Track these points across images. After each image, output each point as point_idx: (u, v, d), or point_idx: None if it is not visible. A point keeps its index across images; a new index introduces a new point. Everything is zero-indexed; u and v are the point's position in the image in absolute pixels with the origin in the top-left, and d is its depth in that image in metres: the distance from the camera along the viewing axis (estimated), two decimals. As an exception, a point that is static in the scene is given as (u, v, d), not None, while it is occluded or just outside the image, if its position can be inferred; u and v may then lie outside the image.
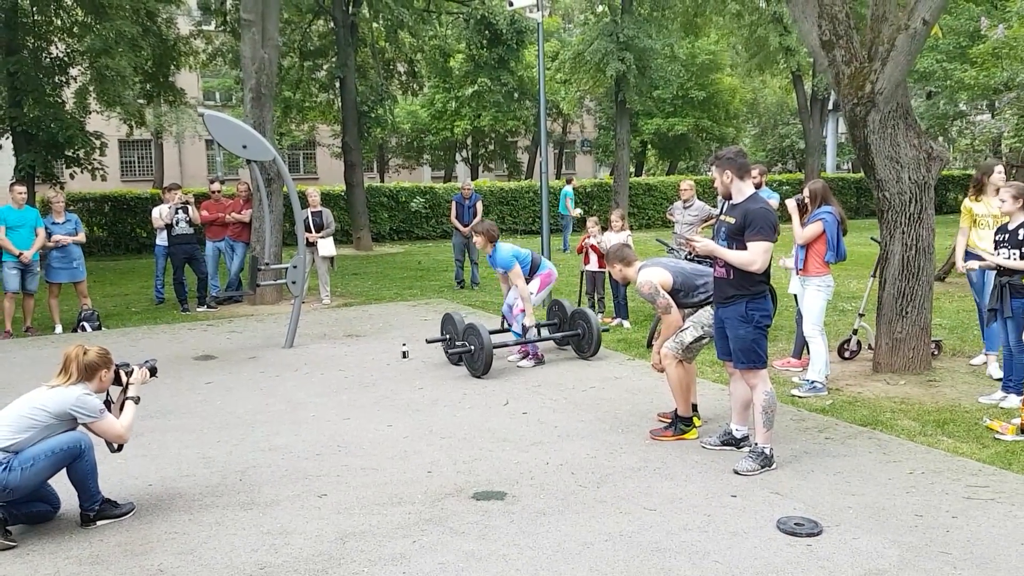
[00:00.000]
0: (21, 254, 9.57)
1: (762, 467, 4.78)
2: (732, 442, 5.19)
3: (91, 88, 17.21)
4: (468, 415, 6.12)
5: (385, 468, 5.01)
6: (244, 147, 8.56)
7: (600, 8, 22.73)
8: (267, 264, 9.78)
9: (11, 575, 3.73)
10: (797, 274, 6.80)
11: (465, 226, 12.87)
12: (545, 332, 8.17)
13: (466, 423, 5.91)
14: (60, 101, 17.08)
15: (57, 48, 17.35)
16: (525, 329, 7.58)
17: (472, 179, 28.29)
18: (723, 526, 4.08)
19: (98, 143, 17.76)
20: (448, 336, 7.73)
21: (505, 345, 7.61)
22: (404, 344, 8.26)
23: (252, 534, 4.10)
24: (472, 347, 7.22)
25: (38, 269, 9.93)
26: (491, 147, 31.97)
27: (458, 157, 33.31)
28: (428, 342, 7.91)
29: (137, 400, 4.51)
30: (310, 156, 35.72)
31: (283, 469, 5.04)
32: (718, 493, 4.50)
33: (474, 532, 4.07)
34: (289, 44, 19.99)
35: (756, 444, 4.89)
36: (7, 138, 17.01)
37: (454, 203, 13.29)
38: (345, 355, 8.35)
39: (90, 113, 17.93)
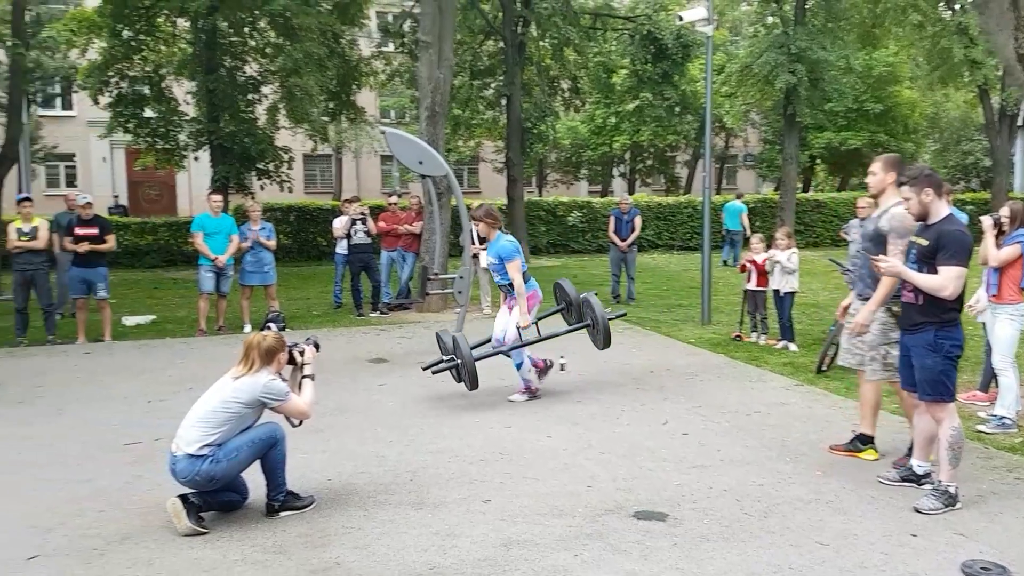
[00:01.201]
0: (216, 258, 10.34)
1: (946, 506, 4.44)
2: (912, 478, 4.85)
3: (281, 105, 18.44)
4: (627, 431, 6.06)
5: (546, 479, 5.04)
6: (420, 163, 8.88)
7: (771, 20, 22.02)
8: (436, 274, 10.09)
9: (203, 559, 4.01)
10: (989, 300, 6.29)
11: (623, 240, 12.80)
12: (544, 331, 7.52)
13: (625, 440, 5.85)
14: (253, 117, 18.41)
15: (251, 68, 18.72)
16: (519, 330, 6.96)
17: (629, 193, 28.10)
18: (902, 566, 3.82)
19: (286, 157, 19.01)
20: (450, 358, 6.93)
21: (499, 353, 7.06)
22: (562, 356, 8.28)
23: (422, 534, 4.23)
24: (458, 360, 6.73)
25: (231, 273, 10.71)
26: (649, 161, 31.65)
27: (615, 172, 33.19)
28: (432, 371, 7.07)
29: (312, 377, 4.77)
30: (474, 171, 36.64)
31: (450, 472, 5.17)
32: (897, 531, 4.22)
33: (635, 551, 4.01)
34: (461, 64, 20.62)
35: (940, 482, 4.55)
36: (206, 150, 18.52)
37: (612, 218, 13.24)
38: (505, 364, 8.45)
39: (279, 129, 19.22)
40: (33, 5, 19.14)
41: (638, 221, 13.12)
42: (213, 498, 4.44)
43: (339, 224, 12.07)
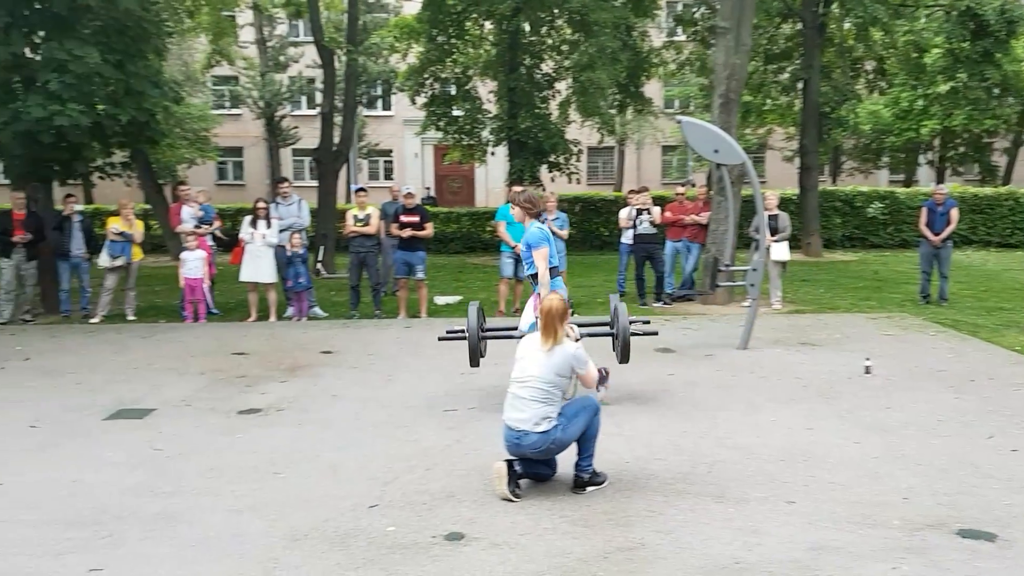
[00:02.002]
0: (516, 246, 10.92)
1: None
2: None
3: (573, 100, 19.02)
4: (946, 444, 5.53)
5: (855, 486, 4.75)
6: (716, 151, 8.74)
7: None
8: (727, 265, 9.88)
9: (518, 523, 4.28)
10: None
11: (936, 235, 11.64)
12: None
13: (943, 452, 5.35)
14: (547, 112, 19.18)
15: (547, 65, 19.49)
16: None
17: (938, 183, 25.42)
18: None
19: (575, 150, 19.59)
20: (461, 330, 6.82)
21: (507, 335, 6.79)
22: (868, 359, 7.73)
23: (725, 527, 4.19)
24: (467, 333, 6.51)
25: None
26: (961, 148, 28.39)
27: (921, 160, 30.17)
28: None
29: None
30: (760, 160, 35.20)
31: (750, 469, 5.06)
32: None
33: (961, 571, 3.68)
34: (755, 48, 19.91)
35: None
36: (504, 146, 19.62)
37: (925, 210, 12.07)
38: (800, 363, 8.10)
39: (570, 123, 19.85)
40: (361, 15, 21.39)
41: (954, 213, 11.85)
42: (529, 468, 4.72)
43: (625, 214, 12.21)
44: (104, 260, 11.13)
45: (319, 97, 27.26)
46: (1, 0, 10.53)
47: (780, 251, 11.56)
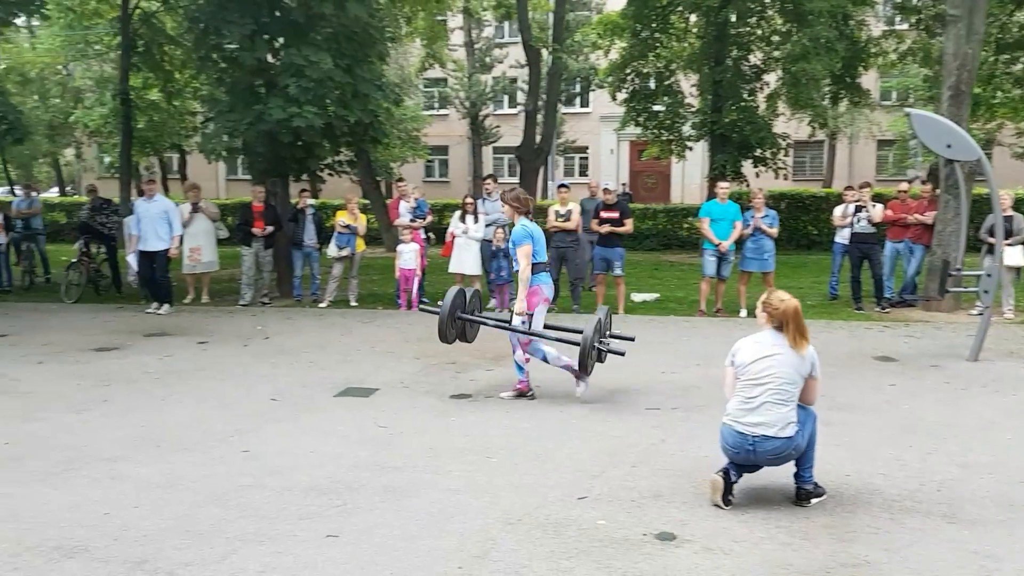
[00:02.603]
0: (720, 244, 10.64)
1: None
2: None
3: (782, 92, 18.18)
4: None
5: (1117, 520, 4.23)
6: (948, 146, 8.06)
7: None
8: (958, 270, 9.08)
9: (730, 528, 4.17)
10: None
11: None
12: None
13: None
14: (754, 105, 18.47)
15: (755, 56, 18.76)
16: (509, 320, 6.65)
17: None
18: None
19: (783, 144, 18.73)
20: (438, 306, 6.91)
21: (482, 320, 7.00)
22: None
23: (958, 550, 3.87)
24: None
25: (732, 258, 10.93)
26: None
27: None
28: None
29: None
30: (987, 155, 32.18)
31: (985, 489, 4.64)
32: None
33: None
34: (985, 38, 18.14)
35: None
36: (704, 141, 19.12)
37: None
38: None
39: (777, 116, 19.00)
40: (566, 13, 21.61)
41: None
42: (741, 473, 4.56)
43: (840, 211, 11.53)
44: (332, 250, 12.00)
45: (520, 96, 28.00)
46: (247, 9, 11.61)
47: (1014, 256, 10.50)
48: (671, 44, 19.34)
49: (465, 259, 11.45)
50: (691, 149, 20.53)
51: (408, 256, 11.58)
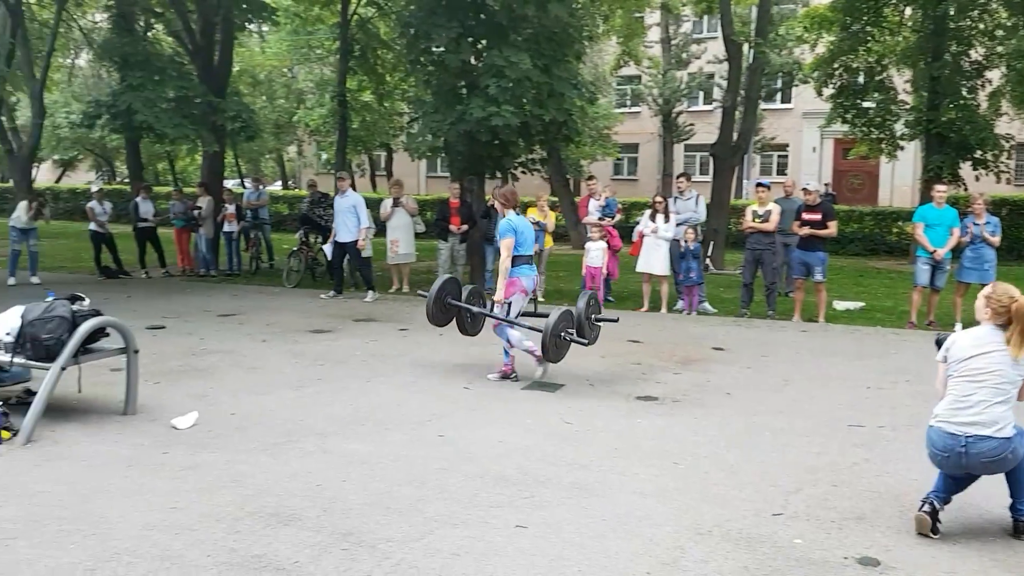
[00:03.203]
0: (935, 251, 9.81)
1: None
2: None
3: (1006, 90, 16.52)
4: None
5: None
6: None
7: None
8: None
9: (940, 561, 3.83)
10: None
11: None
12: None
13: None
14: (975, 104, 16.89)
15: (976, 52, 17.13)
16: (491, 305, 7.38)
17: None
18: None
19: (1006, 146, 17.01)
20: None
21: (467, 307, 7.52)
22: None
23: None
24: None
25: (948, 267, 10.05)
26: None
27: None
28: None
29: None
30: None
31: None
32: None
33: None
34: None
35: None
36: (919, 140, 17.68)
37: None
38: None
39: (1000, 115, 17.27)
40: (771, 6, 20.71)
41: None
42: (946, 499, 4.18)
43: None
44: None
45: (717, 92, 27.19)
46: (454, 14, 12.06)
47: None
48: (883, 38, 18.04)
49: (653, 259, 11.29)
50: (903, 148, 19.08)
51: (595, 254, 11.58)
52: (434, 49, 12.87)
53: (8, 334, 5.63)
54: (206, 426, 5.68)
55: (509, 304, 7.14)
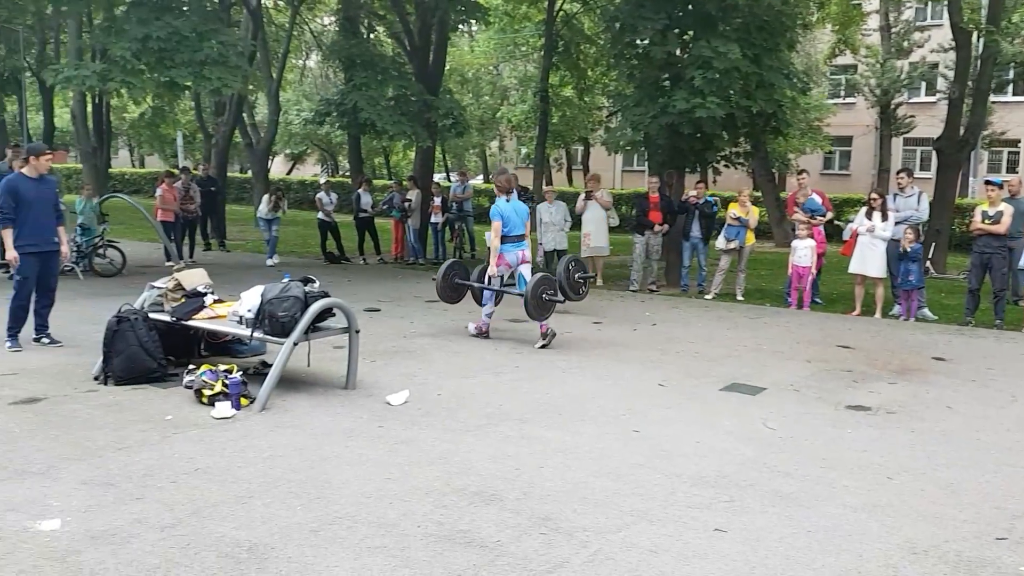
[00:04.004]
0: None
1: None
2: None
3: None
4: None
5: None
6: None
7: None
8: None
9: None
10: None
11: None
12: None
13: None
14: None
15: None
16: (488, 279, 8.43)
17: None
18: None
19: None
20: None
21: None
22: None
23: None
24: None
25: None
26: None
27: None
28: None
29: None
30: None
31: None
32: None
33: None
34: None
35: None
36: None
37: None
38: None
39: None
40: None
41: None
42: None
43: None
44: (720, 242, 11.88)
45: (942, 83, 24.87)
46: (662, 6, 11.89)
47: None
48: None
49: (868, 259, 10.56)
50: None
51: (803, 253, 11.01)
52: (639, 42, 12.76)
53: (249, 311, 6.23)
54: (416, 404, 6.00)
55: (501, 277, 8.39)
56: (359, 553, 3.62)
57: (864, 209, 10.81)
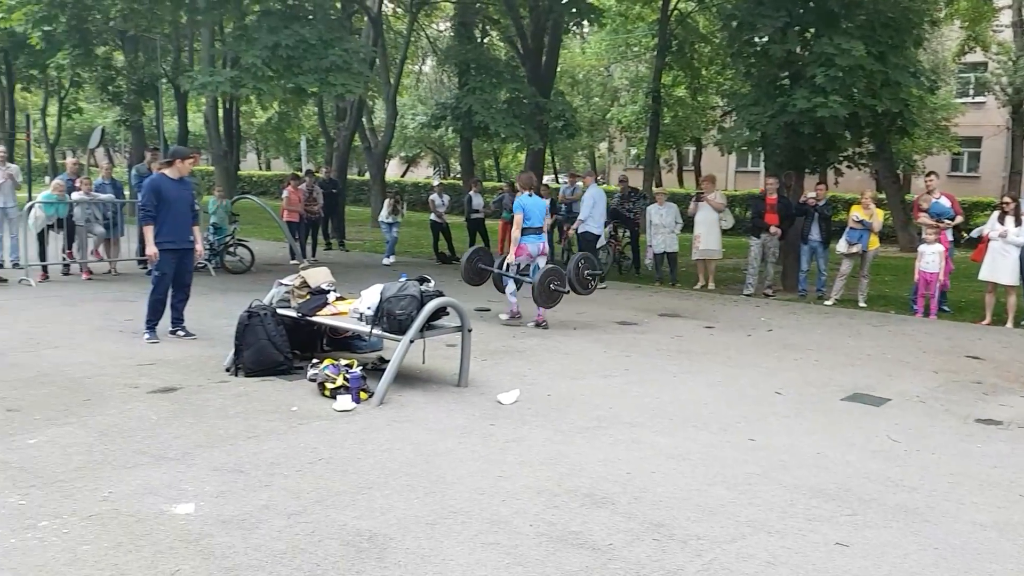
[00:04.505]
0: None
1: None
2: None
3: None
4: None
5: None
6: None
7: None
8: None
9: None
10: None
11: None
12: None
13: None
14: None
15: None
16: (506, 266, 9.23)
17: None
18: None
19: None
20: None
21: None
22: None
23: None
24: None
25: None
26: None
27: None
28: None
29: None
30: None
31: None
32: None
33: None
34: None
35: None
36: None
37: None
38: None
39: None
40: None
41: None
42: None
43: None
44: (842, 246, 11.41)
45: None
46: (782, 3, 11.52)
47: None
48: None
49: (1000, 266, 9.94)
50: None
51: (931, 258, 10.45)
52: (757, 40, 12.42)
53: (369, 308, 6.43)
54: (526, 404, 6.04)
55: (519, 265, 9.16)
56: (473, 548, 3.68)
57: (996, 213, 10.17)
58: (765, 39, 12.07)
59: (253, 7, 14.06)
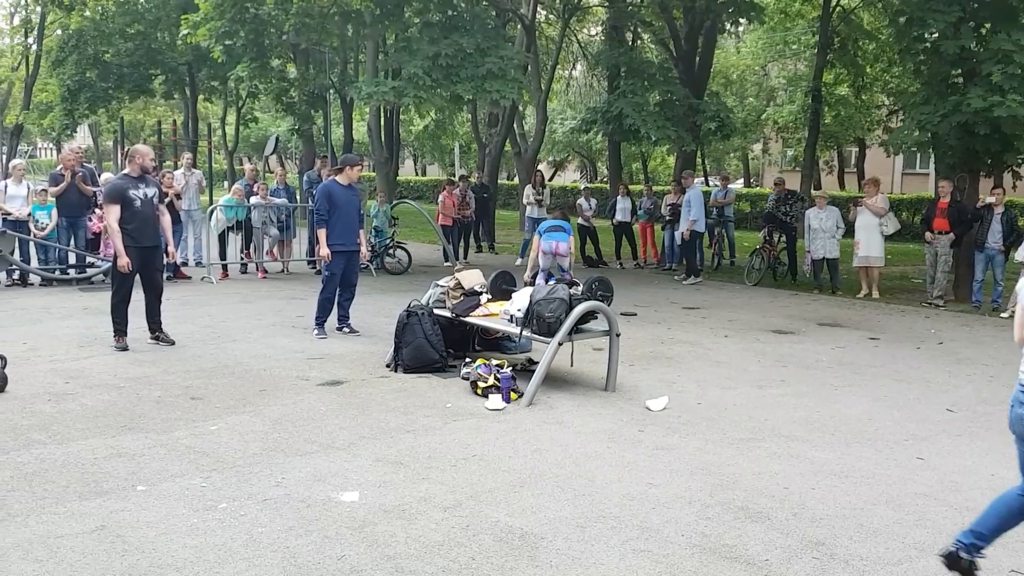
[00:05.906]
0: None
1: None
2: None
3: None
4: None
5: None
6: None
7: None
8: None
9: None
10: None
11: None
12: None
13: None
14: None
15: None
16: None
17: None
18: None
19: None
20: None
21: None
22: None
23: None
24: None
25: None
26: None
27: None
28: None
29: None
30: None
31: None
32: None
33: None
34: None
35: None
36: None
37: None
38: None
39: None
40: None
41: None
42: None
43: None
44: (1021, 255, 10.47)
45: None
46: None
47: None
48: None
49: None
50: None
51: None
52: (927, 36, 11.62)
53: (519, 310, 6.54)
54: (676, 411, 5.94)
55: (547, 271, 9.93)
56: (624, 554, 3.66)
57: None
58: (936, 35, 11.26)
59: (415, 19, 14.61)
